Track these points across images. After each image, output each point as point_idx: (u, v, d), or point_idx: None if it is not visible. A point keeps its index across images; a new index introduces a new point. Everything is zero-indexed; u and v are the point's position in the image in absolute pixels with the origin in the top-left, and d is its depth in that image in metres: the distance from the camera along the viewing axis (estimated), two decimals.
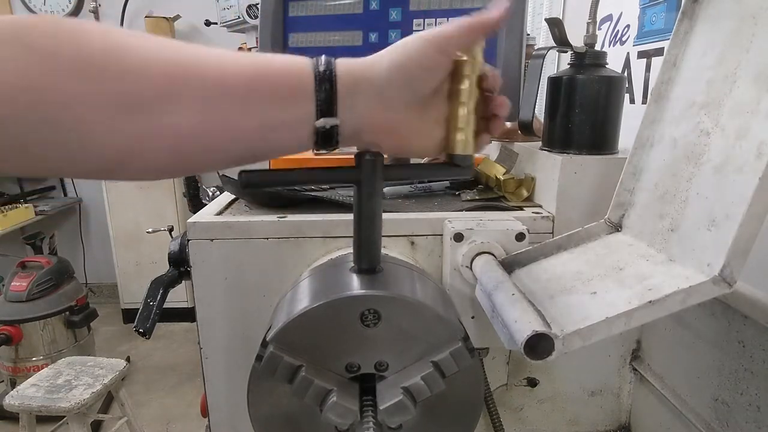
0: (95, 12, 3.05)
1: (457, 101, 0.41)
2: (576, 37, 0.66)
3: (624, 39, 1.12)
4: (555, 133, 0.69)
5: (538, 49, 0.69)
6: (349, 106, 0.38)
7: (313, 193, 0.73)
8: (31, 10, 3.10)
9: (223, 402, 0.68)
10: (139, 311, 0.63)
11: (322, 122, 0.37)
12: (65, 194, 3.37)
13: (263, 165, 0.51)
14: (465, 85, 0.41)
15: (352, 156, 0.43)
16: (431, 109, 0.42)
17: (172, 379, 2.55)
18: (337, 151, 0.40)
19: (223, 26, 2.46)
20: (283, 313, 0.45)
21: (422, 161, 0.80)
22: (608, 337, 0.41)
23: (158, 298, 0.64)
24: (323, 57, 0.38)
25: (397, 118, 0.40)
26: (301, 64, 0.37)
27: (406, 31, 0.71)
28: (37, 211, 2.94)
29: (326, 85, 0.36)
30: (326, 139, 0.38)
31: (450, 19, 0.69)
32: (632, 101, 1.07)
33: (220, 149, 0.36)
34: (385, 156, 0.44)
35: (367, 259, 0.46)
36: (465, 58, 0.41)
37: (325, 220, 0.62)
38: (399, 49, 0.39)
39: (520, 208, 0.69)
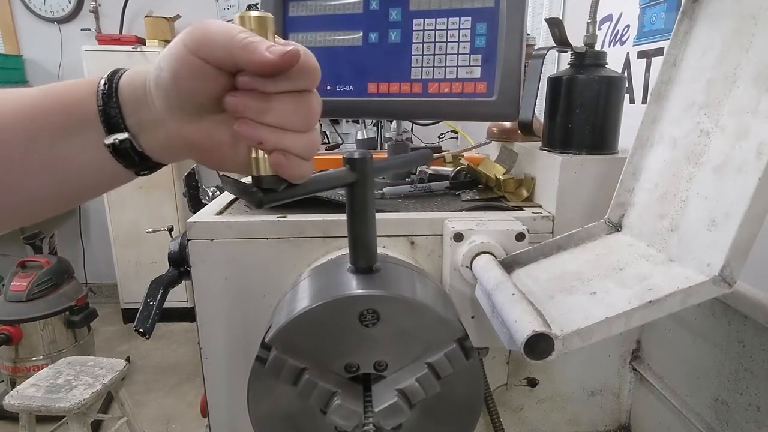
0: (95, 12, 3.05)
1: None
2: (576, 37, 0.66)
3: (624, 39, 1.12)
4: (555, 133, 0.69)
5: (538, 49, 0.69)
6: (137, 120, 0.36)
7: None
8: (31, 10, 3.10)
9: (223, 402, 0.68)
10: (139, 311, 0.63)
11: (110, 139, 0.36)
12: None
13: None
14: None
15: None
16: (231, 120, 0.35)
17: (172, 379, 2.55)
18: (337, 150, 0.39)
19: None
20: (283, 314, 0.45)
21: None
22: (608, 337, 0.41)
23: (158, 298, 0.64)
24: (109, 73, 0.36)
25: (190, 130, 0.36)
26: (85, 86, 0.36)
27: (406, 31, 0.71)
28: None
29: (109, 102, 0.35)
30: (124, 156, 0.36)
31: (450, 19, 0.69)
32: (632, 101, 1.07)
33: (11, 190, 0.36)
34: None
35: (364, 258, 0.46)
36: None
37: (325, 220, 0.62)
38: (163, 52, 0.35)
39: (520, 208, 0.69)
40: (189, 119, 0.36)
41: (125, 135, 0.36)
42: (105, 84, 0.36)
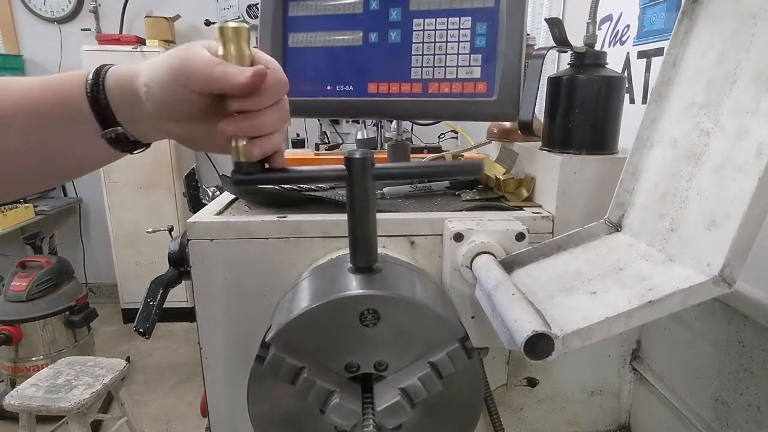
0: (95, 12, 3.05)
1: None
2: (576, 37, 0.66)
3: (624, 39, 1.12)
4: (555, 133, 0.68)
5: (538, 49, 0.69)
6: (127, 115, 0.41)
7: (313, 193, 0.73)
8: (31, 10, 3.10)
9: (223, 402, 0.68)
10: (139, 311, 0.63)
11: (108, 132, 0.41)
12: (65, 194, 3.37)
13: None
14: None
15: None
16: (215, 119, 0.41)
17: (172, 379, 2.55)
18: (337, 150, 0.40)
19: None
20: (283, 314, 0.45)
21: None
22: (608, 337, 0.41)
23: (158, 298, 0.64)
24: (93, 72, 0.40)
25: (180, 129, 0.42)
26: (74, 83, 0.40)
27: (406, 31, 0.71)
28: (37, 210, 2.94)
29: (98, 101, 0.40)
30: (120, 143, 0.42)
31: (450, 19, 0.69)
32: (632, 101, 1.07)
33: (36, 165, 0.41)
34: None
35: (364, 257, 0.46)
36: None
37: (325, 220, 0.62)
38: (154, 68, 0.39)
39: (520, 208, 0.69)
40: (175, 122, 0.42)
41: (119, 129, 0.41)
42: (92, 84, 0.40)
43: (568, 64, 0.68)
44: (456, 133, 1.61)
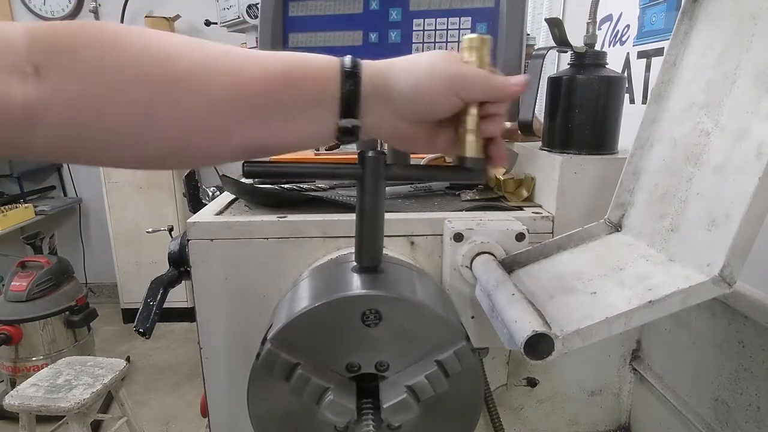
0: (95, 12, 3.05)
1: (467, 109, 0.43)
2: (576, 37, 0.66)
3: (624, 39, 1.12)
4: (555, 133, 0.68)
5: (538, 49, 0.69)
6: (367, 111, 0.40)
7: (313, 193, 0.73)
8: (31, 10, 3.10)
9: (223, 402, 0.68)
10: (139, 311, 0.63)
11: (345, 122, 0.40)
12: (65, 194, 3.37)
13: None
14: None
15: (354, 154, 0.43)
16: (444, 123, 0.44)
17: (172, 379, 2.55)
18: (337, 150, 0.40)
19: (223, 26, 2.46)
20: (284, 313, 0.45)
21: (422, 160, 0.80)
22: (608, 337, 0.41)
23: (158, 298, 0.64)
24: (349, 61, 0.40)
25: (409, 128, 0.43)
26: (330, 68, 0.40)
27: (406, 31, 0.71)
28: (37, 211, 2.94)
29: (352, 91, 0.39)
30: (347, 135, 0.41)
31: (450, 19, 0.69)
32: (632, 101, 1.07)
33: (258, 141, 0.40)
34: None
35: (369, 257, 0.46)
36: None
37: (325, 220, 0.62)
38: (420, 74, 0.41)
39: (520, 208, 0.69)
40: (411, 123, 0.42)
41: (357, 121, 0.40)
42: (350, 71, 0.39)
43: (568, 64, 0.68)
44: None
